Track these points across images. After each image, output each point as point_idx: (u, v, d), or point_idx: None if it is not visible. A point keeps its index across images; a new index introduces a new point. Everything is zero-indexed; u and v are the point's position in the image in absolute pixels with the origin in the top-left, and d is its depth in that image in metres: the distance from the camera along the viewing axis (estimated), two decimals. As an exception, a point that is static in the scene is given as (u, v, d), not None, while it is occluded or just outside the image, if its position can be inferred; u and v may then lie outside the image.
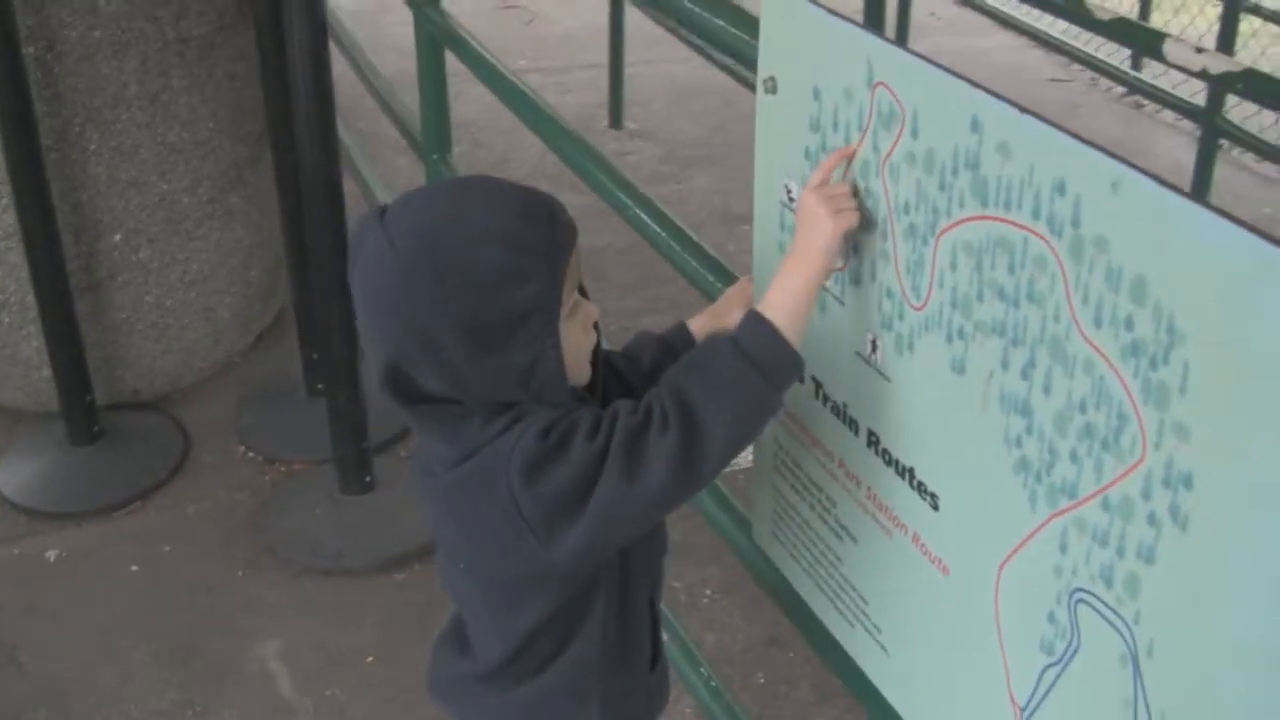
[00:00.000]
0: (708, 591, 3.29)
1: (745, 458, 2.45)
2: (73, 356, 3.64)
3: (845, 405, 1.68)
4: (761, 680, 3.05)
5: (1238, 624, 1.13)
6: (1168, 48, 2.55)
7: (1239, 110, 5.59)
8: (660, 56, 6.87)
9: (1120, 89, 7.11)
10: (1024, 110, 1.29)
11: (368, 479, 3.56)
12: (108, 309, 3.81)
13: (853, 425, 1.67)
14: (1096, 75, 7.13)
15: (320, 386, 3.90)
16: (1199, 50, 2.52)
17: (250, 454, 3.85)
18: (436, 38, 3.40)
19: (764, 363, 1.48)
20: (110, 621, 3.25)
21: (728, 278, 2.10)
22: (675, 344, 1.82)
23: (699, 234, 2.33)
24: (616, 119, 6.56)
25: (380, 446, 3.70)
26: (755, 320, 1.50)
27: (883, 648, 1.73)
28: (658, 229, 2.36)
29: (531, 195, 1.55)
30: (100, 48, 3.51)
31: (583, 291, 1.61)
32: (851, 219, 1.54)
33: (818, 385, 1.73)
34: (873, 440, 1.63)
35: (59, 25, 3.44)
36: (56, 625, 3.23)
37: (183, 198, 3.81)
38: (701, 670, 2.53)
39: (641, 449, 1.45)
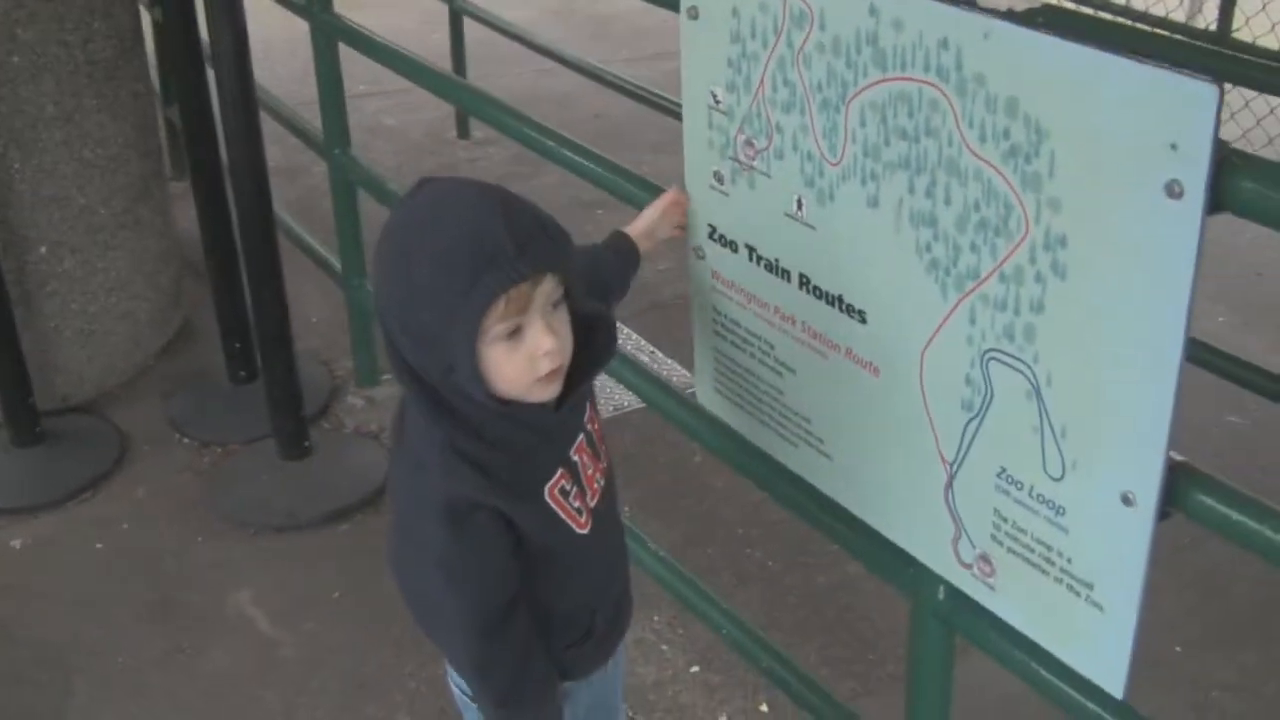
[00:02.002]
0: (626, 509, 3.68)
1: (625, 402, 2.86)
2: (14, 362, 3.92)
3: (777, 260, 2.09)
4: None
5: (1110, 339, 1.56)
6: (978, -9, 2.94)
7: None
8: (496, 72, 7.26)
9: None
10: (911, -9, 1.72)
11: (306, 444, 3.91)
12: (38, 318, 4.09)
13: (785, 275, 2.08)
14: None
15: (243, 374, 4.26)
16: None
17: (186, 441, 4.16)
18: (332, 35, 3.77)
19: None
20: (87, 591, 3.54)
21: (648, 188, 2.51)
22: (623, 252, 2.19)
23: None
24: (464, 130, 6.95)
25: (310, 419, 4.05)
26: None
27: (826, 456, 2.14)
28: (578, 156, 2.76)
29: (494, 224, 1.61)
30: (19, 72, 3.81)
31: (575, 314, 1.74)
32: None
33: (751, 249, 2.14)
34: (804, 282, 2.05)
35: (-21, 53, 3.74)
36: (37, 601, 3.51)
37: (100, 210, 4.13)
38: (649, 546, 2.93)
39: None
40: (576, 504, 1.86)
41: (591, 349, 1.80)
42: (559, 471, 1.83)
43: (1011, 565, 1.83)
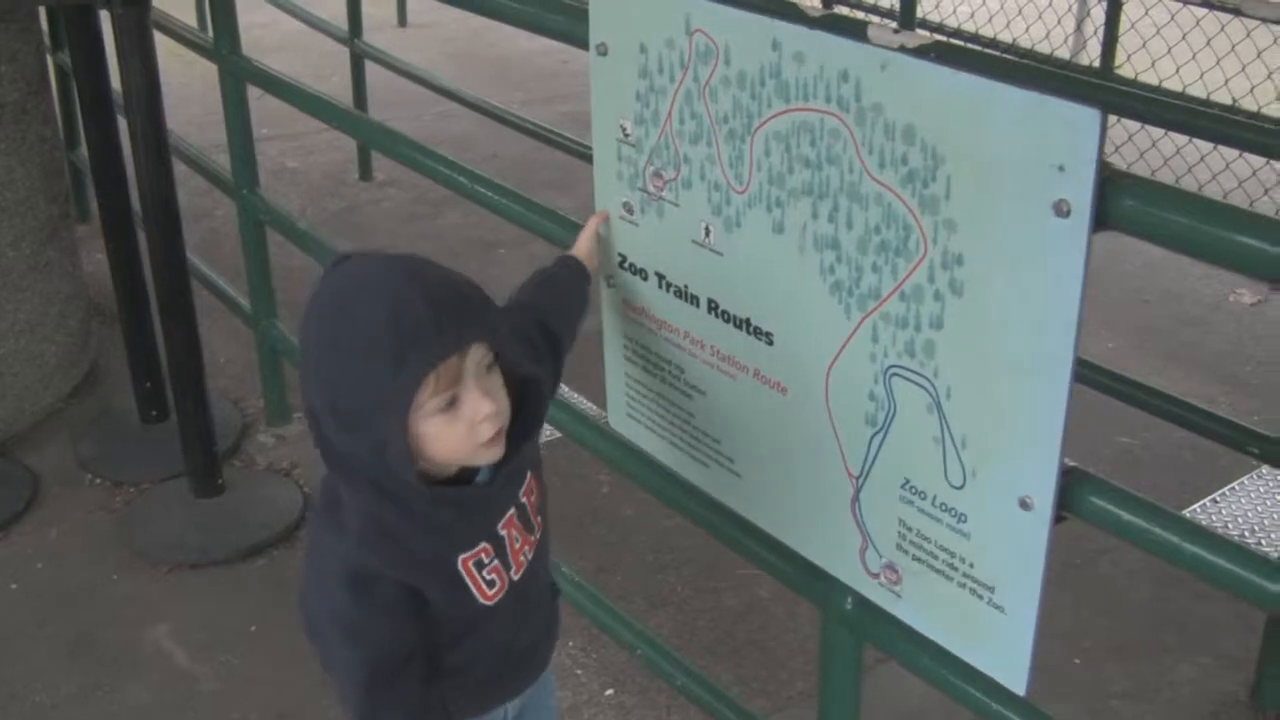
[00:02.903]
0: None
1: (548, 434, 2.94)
2: (-76, 407, 3.93)
3: (686, 286, 2.18)
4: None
5: (1005, 351, 1.66)
6: (871, 32, 3.09)
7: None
8: (395, 115, 7.35)
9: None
10: (812, 26, 1.82)
11: (219, 481, 3.94)
12: (-52, 361, 4.10)
13: (693, 300, 2.17)
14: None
15: (154, 414, 4.29)
16: (896, 31, 3.06)
17: (98, 481, 4.17)
18: (241, 77, 3.82)
19: None
20: (2, 631, 3.53)
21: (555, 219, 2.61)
22: (575, 270, 2.24)
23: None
24: (366, 172, 7.01)
25: (222, 457, 4.08)
26: None
27: (736, 474, 2.23)
28: (484, 189, 2.85)
29: (413, 302, 1.60)
30: (-74, 117, 3.84)
31: (510, 379, 1.75)
32: None
33: (660, 277, 2.23)
34: (712, 307, 2.13)
35: (-115, 99, 3.76)
36: (-49, 642, 3.52)
37: (8, 253, 4.14)
38: (563, 571, 2.99)
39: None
40: (490, 576, 1.85)
41: (525, 408, 1.81)
42: (480, 545, 1.83)
43: (916, 572, 1.92)
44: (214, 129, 4.03)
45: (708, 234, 2.09)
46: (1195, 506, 3.77)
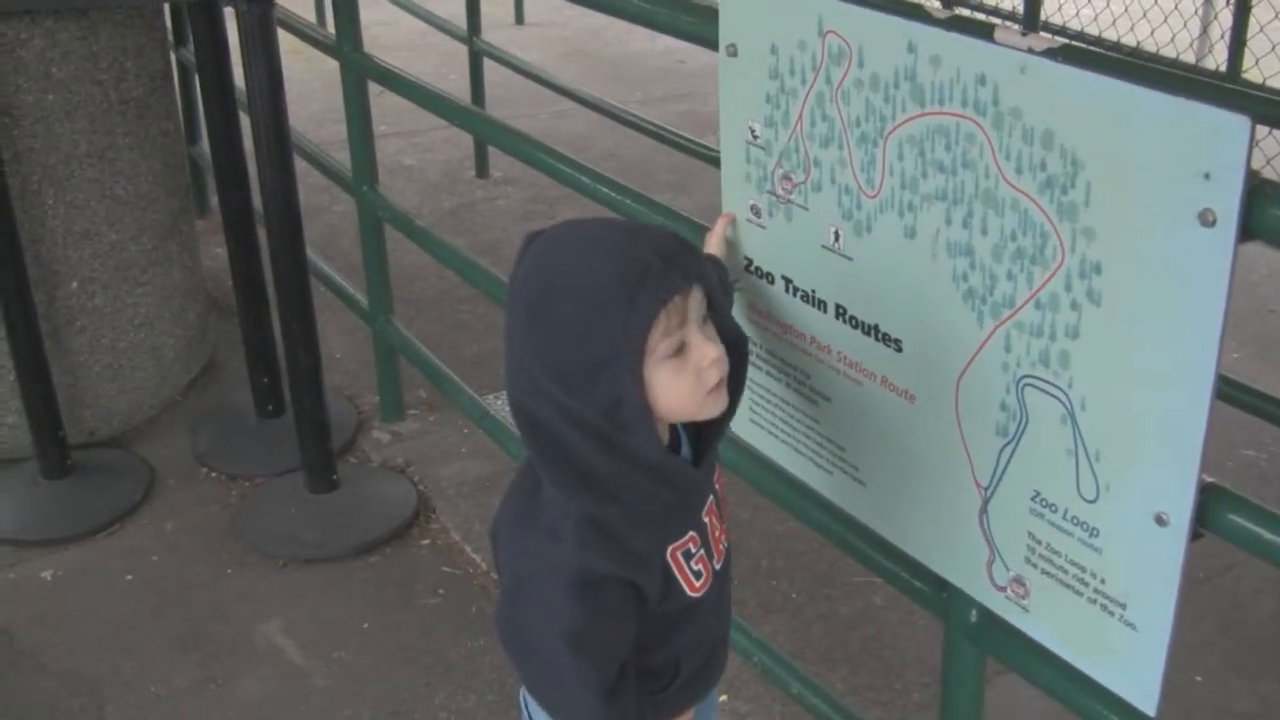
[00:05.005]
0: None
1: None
2: (46, 396, 3.97)
3: (814, 290, 2.15)
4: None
5: (1144, 363, 1.61)
6: (998, 34, 3.05)
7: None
8: (512, 114, 7.38)
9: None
10: (949, 29, 1.78)
11: (334, 477, 3.97)
12: (68, 353, 4.15)
13: (821, 305, 2.14)
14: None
15: (270, 408, 4.32)
16: (1023, 34, 3.01)
17: (213, 475, 4.22)
18: (362, 74, 3.84)
19: None
20: (118, 623, 3.58)
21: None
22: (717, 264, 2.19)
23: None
24: (483, 169, 7.03)
25: (336, 453, 4.11)
26: None
27: (860, 482, 2.19)
28: (605, 188, 2.84)
29: (634, 245, 1.63)
30: (53, 111, 3.89)
31: (719, 326, 1.74)
32: None
33: (787, 281, 2.20)
34: (840, 312, 2.10)
35: (15, 91, 3.81)
36: (68, 632, 3.55)
37: (130, 246, 4.20)
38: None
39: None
40: (697, 567, 1.83)
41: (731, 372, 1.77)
42: (689, 534, 1.82)
43: (1045, 587, 1.87)
44: (331, 126, 4.06)
45: (837, 238, 2.06)
46: (1321, 523, 3.67)
